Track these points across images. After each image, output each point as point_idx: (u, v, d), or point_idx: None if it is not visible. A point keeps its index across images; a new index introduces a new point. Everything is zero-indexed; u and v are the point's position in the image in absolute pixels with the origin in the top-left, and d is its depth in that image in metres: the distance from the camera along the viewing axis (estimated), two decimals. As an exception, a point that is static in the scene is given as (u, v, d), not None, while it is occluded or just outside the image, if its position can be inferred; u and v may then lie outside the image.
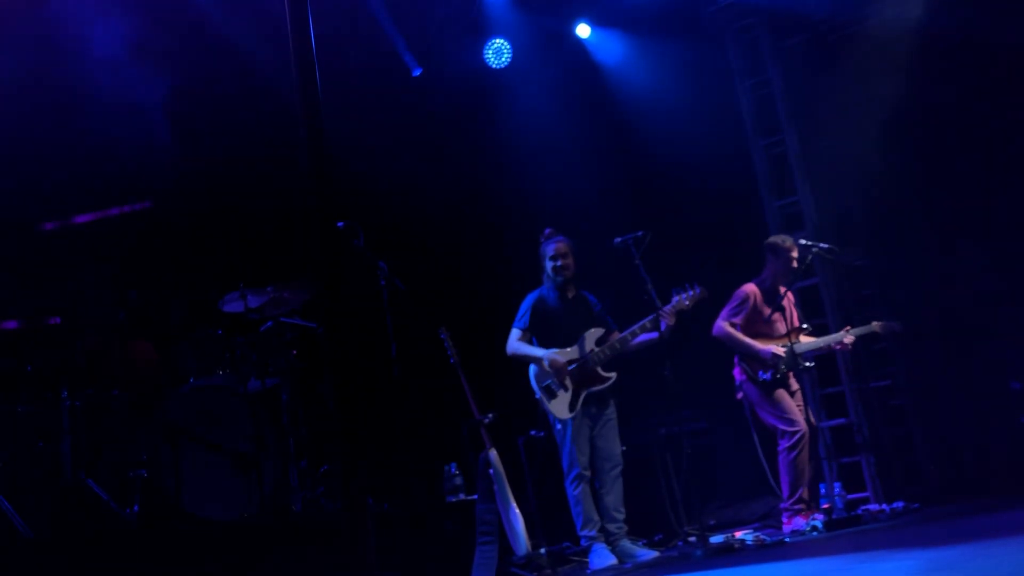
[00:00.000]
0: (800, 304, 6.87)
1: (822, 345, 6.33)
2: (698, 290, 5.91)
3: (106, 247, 7.03)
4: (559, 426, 5.90)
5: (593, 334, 6.02)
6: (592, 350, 5.93)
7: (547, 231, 6.24)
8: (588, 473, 5.88)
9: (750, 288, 6.38)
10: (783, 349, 6.13)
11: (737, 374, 6.39)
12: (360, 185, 7.29)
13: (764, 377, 6.14)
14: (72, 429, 5.40)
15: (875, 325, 6.35)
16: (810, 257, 6.37)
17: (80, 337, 5.98)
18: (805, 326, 6.43)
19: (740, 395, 6.42)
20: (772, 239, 6.50)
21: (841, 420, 7.42)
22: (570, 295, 6.14)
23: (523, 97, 8.52)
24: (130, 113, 6.83)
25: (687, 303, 5.86)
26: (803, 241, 6.49)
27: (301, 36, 1.29)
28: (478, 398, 5.75)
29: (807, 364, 6.16)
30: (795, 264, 6.33)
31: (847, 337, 6.31)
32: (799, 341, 6.24)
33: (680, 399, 6.11)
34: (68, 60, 6.53)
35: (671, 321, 5.74)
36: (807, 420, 6.15)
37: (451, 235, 8.25)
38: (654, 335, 5.81)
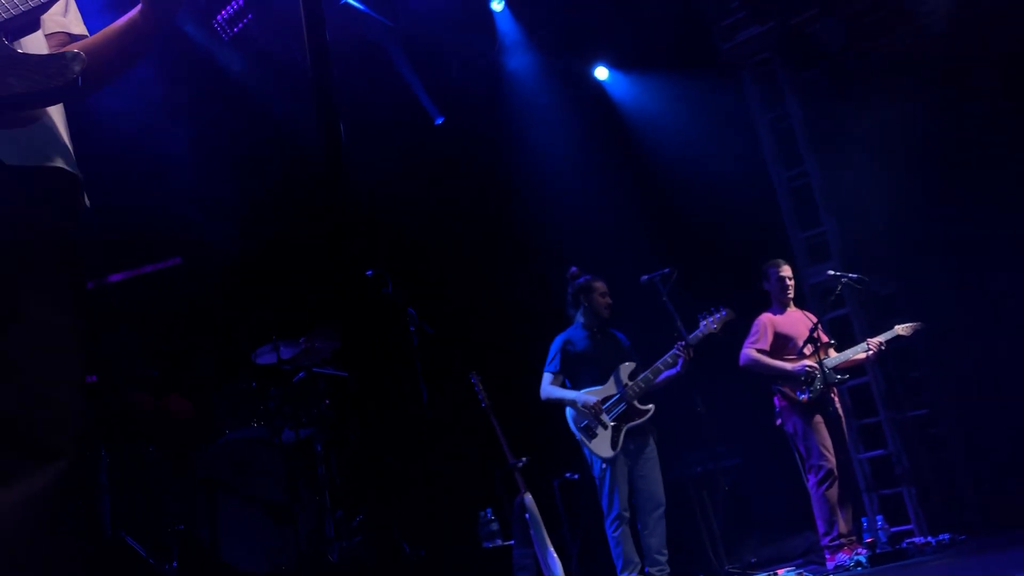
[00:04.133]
0: (832, 335, 6.81)
1: (851, 356, 6.25)
2: (724, 312, 5.89)
3: (139, 304, 7.14)
4: (599, 467, 5.84)
5: (626, 368, 6.00)
6: (627, 384, 5.90)
7: (573, 270, 6.26)
8: (628, 514, 5.82)
9: (764, 316, 6.40)
10: (815, 364, 6.07)
11: (777, 401, 6.32)
12: (387, 233, 7.37)
13: (804, 396, 6.05)
14: (110, 486, 5.45)
15: (898, 328, 6.27)
16: (839, 288, 6.34)
17: (116, 394, 6.06)
18: (832, 342, 6.38)
19: (779, 421, 6.35)
20: (765, 265, 6.52)
21: (879, 451, 7.30)
22: (601, 334, 6.13)
23: (544, 140, 8.60)
24: (158, 169, 6.97)
25: (715, 327, 5.84)
26: (831, 272, 6.47)
27: (323, 88, 1.33)
28: (511, 442, 5.73)
29: (840, 377, 6.10)
30: (787, 283, 6.33)
31: (873, 341, 6.22)
32: (828, 356, 6.19)
33: (714, 434, 6.06)
34: (95, 117, 6.69)
35: (690, 355, 5.72)
36: (844, 451, 6.06)
37: (478, 279, 8.30)
38: (676, 369, 5.79)
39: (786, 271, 6.42)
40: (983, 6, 6.97)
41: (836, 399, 6.22)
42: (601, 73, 8.74)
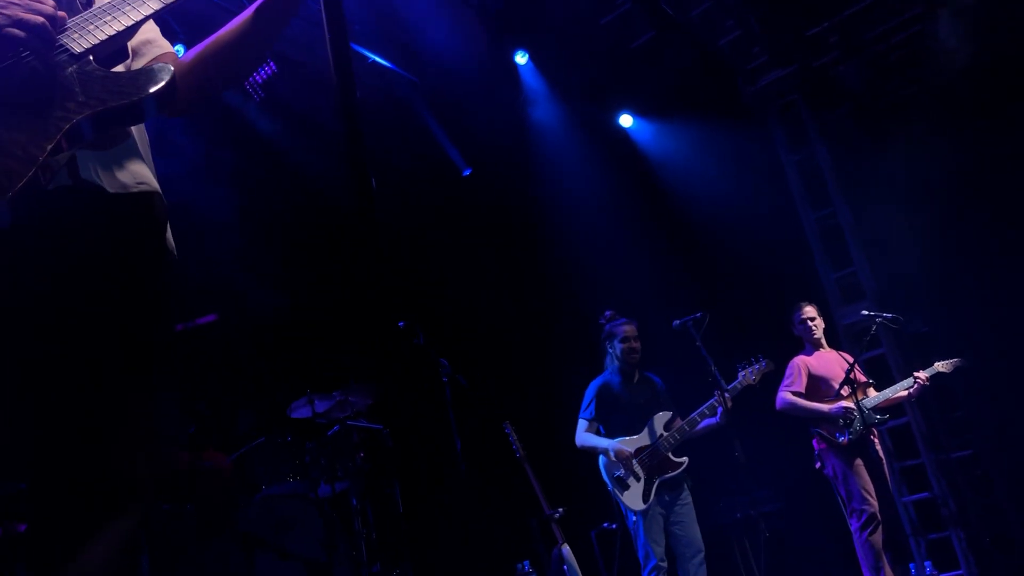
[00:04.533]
0: (869, 375, 6.72)
1: (891, 394, 6.15)
2: (763, 363, 5.84)
3: (175, 362, 7.22)
4: (632, 518, 5.78)
5: (661, 418, 5.95)
6: (661, 435, 5.85)
7: (608, 313, 6.25)
8: (665, 564, 5.72)
9: (798, 358, 6.33)
10: (853, 405, 5.98)
11: (816, 444, 6.22)
12: (419, 284, 7.43)
13: (844, 439, 5.95)
14: (149, 544, 5.47)
15: (938, 365, 6.15)
16: (874, 328, 6.27)
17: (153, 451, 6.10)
18: (871, 382, 6.29)
19: (818, 464, 6.24)
20: (794, 308, 6.47)
21: (924, 494, 7.15)
22: (635, 378, 6.10)
23: (572, 187, 8.67)
24: (192, 228, 7.10)
25: (753, 378, 5.79)
26: (865, 312, 6.40)
27: (355, 145, 1.37)
28: (547, 492, 5.69)
29: (880, 417, 6.00)
30: (813, 323, 6.27)
31: (921, 374, 6.10)
32: (867, 396, 6.10)
33: (754, 479, 5.96)
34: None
35: (728, 405, 5.66)
36: (887, 494, 5.94)
37: (510, 328, 8.31)
38: (715, 419, 5.73)
39: (808, 312, 6.34)
40: (1007, 40, 6.97)
41: (876, 441, 6.11)
42: (626, 121, 8.83)
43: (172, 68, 1.69)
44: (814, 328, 6.34)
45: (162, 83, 1.67)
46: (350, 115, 1.38)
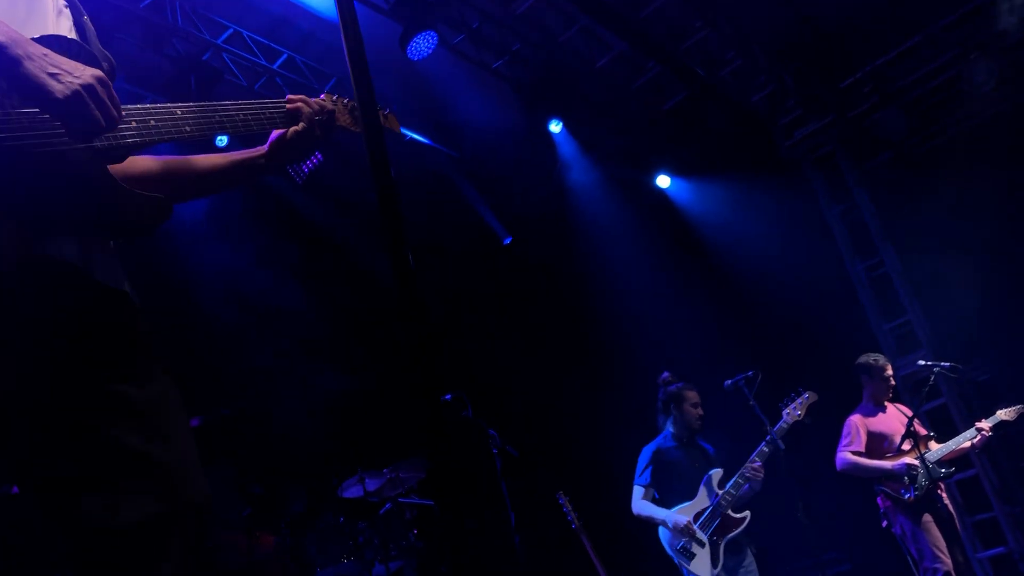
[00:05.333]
0: (930, 427, 6.52)
1: (954, 446, 5.92)
2: (806, 395, 5.68)
3: (226, 446, 7.26)
4: (699, 588, 5.59)
5: (716, 475, 5.80)
6: (718, 493, 5.70)
7: (665, 375, 6.15)
8: (734, 631, 5.52)
9: (854, 418, 6.15)
10: (916, 460, 5.77)
11: (880, 502, 6.01)
12: (466, 356, 7.43)
13: (909, 495, 5.73)
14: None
15: (1000, 413, 5.93)
16: (933, 378, 6.09)
17: (209, 536, 6.09)
18: (932, 435, 6.08)
19: (885, 523, 6.01)
20: (863, 359, 6.27)
21: (999, 549, 6.84)
22: (689, 444, 5.98)
23: (613, 250, 8.67)
24: (238, 308, 7.19)
25: (799, 413, 5.63)
26: (922, 362, 6.24)
27: (391, 222, 1.37)
28: (606, 563, 5.55)
29: (946, 471, 5.77)
30: (892, 381, 6.09)
31: (983, 424, 5.88)
32: (929, 450, 5.89)
33: (820, 541, 5.76)
34: (174, 268, 6.96)
35: (784, 430, 5.52)
36: (960, 551, 5.69)
37: (558, 395, 8.25)
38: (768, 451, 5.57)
39: (891, 370, 6.18)
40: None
41: (944, 495, 5.88)
42: (663, 181, 8.85)
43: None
44: (893, 386, 6.15)
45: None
46: (386, 194, 1.39)
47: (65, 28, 1.77)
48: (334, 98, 2.30)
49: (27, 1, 1.71)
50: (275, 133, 2.15)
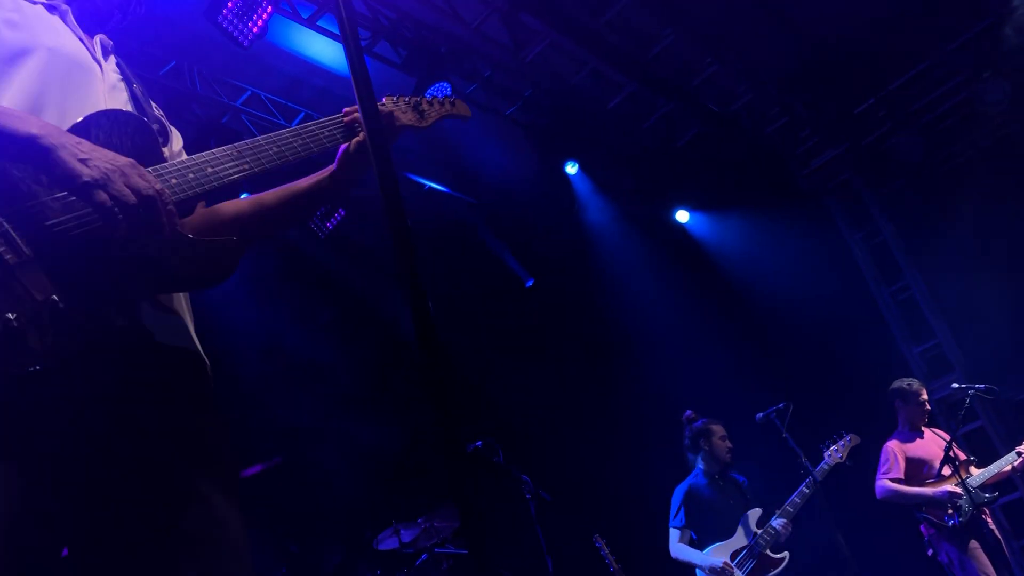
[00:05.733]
0: (969, 450, 6.40)
1: (996, 470, 5.80)
2: (848, 438, 5.62)
3: (258, 505, 7.25)
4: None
5: (754, 515, 5.72)
6: (756, 533, 5.61)
7: (688, 413, 6.11)
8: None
9: (891, 444, 6.05)
10: (958, 486, 5.65)
11: (924, 529, 5.89)
12: (492, 401, 7.42)
13: (953, 522, 5.61)
14: None
15: None
16: (968, 400, 6.00)
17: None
18: (972, 459, 5.96)
19: (930, 552, 5.88)
20: (896, 384, 6.19)
21: (1051, 573, 6.66)
22: (722, 479, 5.91)
23: (636, 287, 8.66)
24: (264, 365, 7.23)
25: (841, 455, 5.56)
26: (956, 384, 6.15)
27: (409, 271, 1.39)
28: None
29: (989, 496, 5.64)
30: (927, 405, 6.00)
31: (1020, 452, 5.76)
32: (970, 475, 5.77)
33: (862, 573, 5.64)
34: (201, 323, 7.01)
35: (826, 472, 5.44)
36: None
37: (587, 436, 8.20)
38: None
39: (925, 394, 6.10)
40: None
41: (990, 520, 5.76)
42: (682, 216, 8.86)
43: (243, 250, 1.74)
44: (928, 411, 6.08)
45: (230, 264, 1.72)
46: (403, 243, 1.41)
47: (121, 101, 1.85)
48: (394, 99, 2.23)
49: (80, 82, 1.79)
50: (340, 149, 2.11)
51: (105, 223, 1.59)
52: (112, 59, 1.96)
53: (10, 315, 1.44)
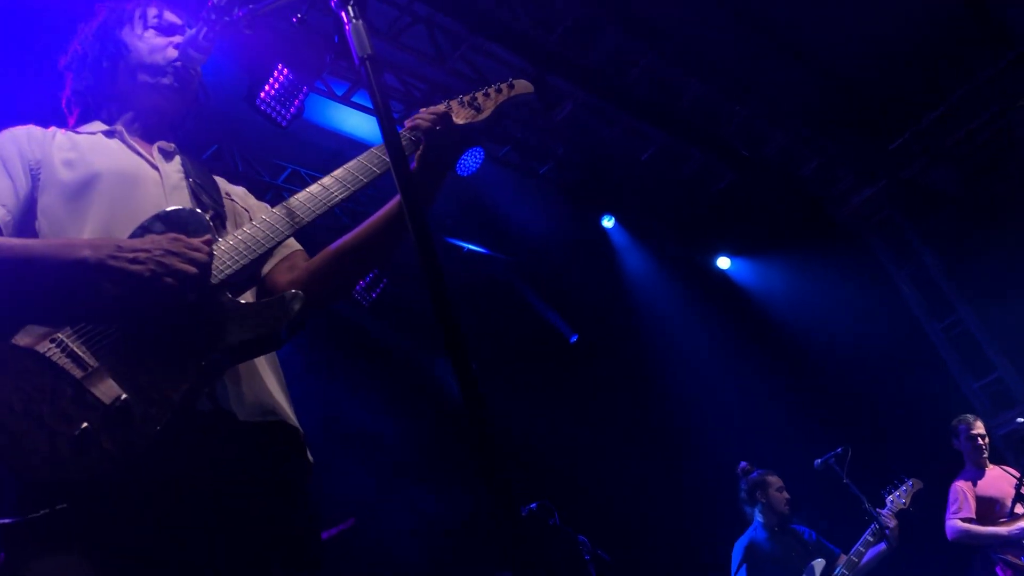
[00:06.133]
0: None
1: None
2: (910, 483, 5.46)
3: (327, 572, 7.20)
4: None
5: (818, 566, 5.55)
6: (822, 586, 5.45)
7: (743, 465, 6.00)
8: None
9: (959, 483, 5.88)
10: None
11: (1000, 572, 5.67)
12: (545, 462, 7.35)
13: None
14: None
15: None
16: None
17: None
18: None
19: (1009, 594, 5.65)
20: (953, 422, 6.03)
21: None
22: (783, 531, 5.76)
23: (680, 337, 8.59)
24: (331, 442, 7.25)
25: (903, 501, 5.39)
26: (1021, 419, 5.97)
27: (451, 335, 1.40)
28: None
29: None
30: (979, 440, 5.82)
31: None
32: None
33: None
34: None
35: (893, 524, 5.25)
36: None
37: (643, 491, 8.06)
38: (882, 546, 5.30)
39: (978, 428, 5.92)
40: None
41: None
42: (723, 263, 8.81)
43: (303, 295, 1.78)
44: (983, 446, 5.91)
45: (294, 312, 1.75)
46: (443, 307, 1.42)
47: (182, 198, 1.98)
48: (448, 101, 2.21)
49: (138, 191, 1.93)
50: (412, 163, 2.09)
51: (173, 299, 1.67)
52: (176, 159, 2.09)
53: (84, 424, 1.52)
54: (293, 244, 2.15)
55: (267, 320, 1.74)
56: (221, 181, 2.21)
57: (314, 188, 1.99)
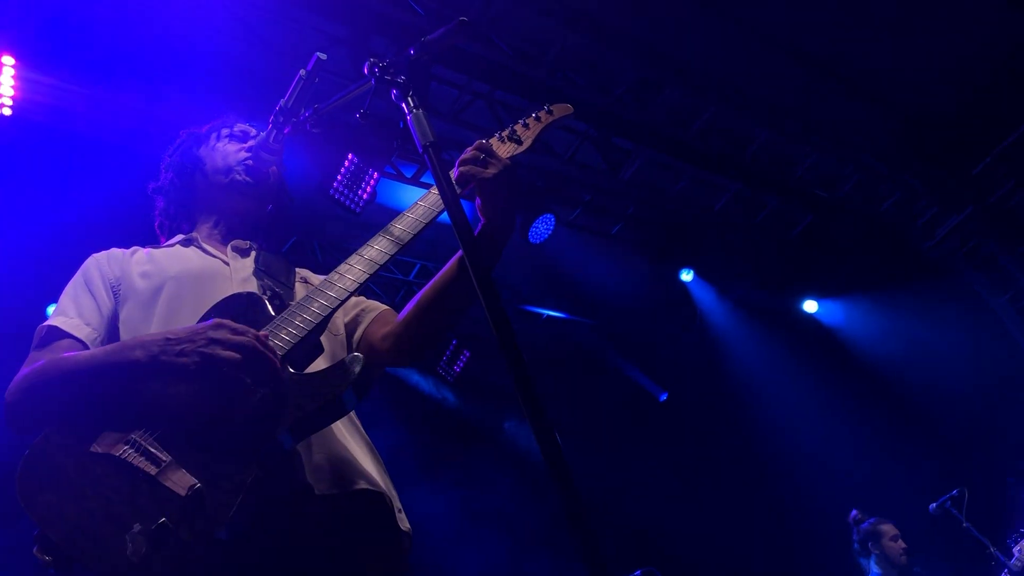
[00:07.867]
0: None
1: None
2: (1038, 532, 5.12)
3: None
4: None
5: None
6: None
7: (854, 514, 5.74)
8: None
9: None
10: None
11: None
12: (649, 526, 7.18)
13: None
14: None
15: None
16: None
17: None
18: None
19: None
20: None
21: None
22: (901, 578, 5.46)
23: (773, 387, 8.36)
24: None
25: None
26: None
27: (533, 407, 1.39)
28: None
29: None
30: None
31: None
32: None
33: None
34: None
35: (1020, 568, 4.93)
36: None
37: (749, 549, 7.79)
38: None
39: None
40: None
41: None
42: (810, 306, 8.59)
43: (362, 357, 1.78)
44: None
45: (355, 375, 1.75)
46: (520, 375, 1.42)
47: (250, 289, 2.05)
48: (487, 139, 2.16)
49: (206, 288, 2.03)
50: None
51: (227, 384, 1.71)
52: (252, 255, 2.18)
53: (162, 519, 1.55)
54: (378, 305, 2.25)
55: (328, 386, 1.75)
56: (302, 270, 2.30)
57: (400, 224, 2.14)
